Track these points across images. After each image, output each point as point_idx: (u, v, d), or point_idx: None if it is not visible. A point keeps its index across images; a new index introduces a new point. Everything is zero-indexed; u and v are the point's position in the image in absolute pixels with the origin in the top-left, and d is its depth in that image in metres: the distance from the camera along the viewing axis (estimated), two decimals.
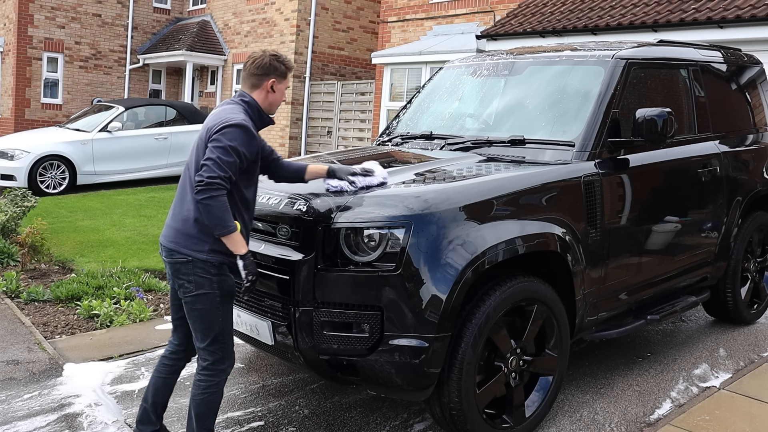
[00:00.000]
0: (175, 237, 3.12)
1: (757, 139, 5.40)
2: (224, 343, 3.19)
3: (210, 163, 2.95)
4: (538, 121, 4.26)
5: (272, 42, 17.28)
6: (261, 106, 3.28)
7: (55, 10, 18.63)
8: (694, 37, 8.36)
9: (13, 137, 13.54)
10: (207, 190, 2.92)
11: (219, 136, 2.99)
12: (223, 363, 3.20)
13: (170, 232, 3.16)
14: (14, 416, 3.86)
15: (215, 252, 3.08)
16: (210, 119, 3.17)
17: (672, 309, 4.56)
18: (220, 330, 3.15)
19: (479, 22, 13.32)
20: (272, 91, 3.28)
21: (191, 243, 3.08)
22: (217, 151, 2.97)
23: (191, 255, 3.07)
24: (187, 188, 3.12)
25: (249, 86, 3.28)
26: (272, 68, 3.26)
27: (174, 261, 3.14)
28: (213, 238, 3.04)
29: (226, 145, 2.98)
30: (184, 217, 3.10)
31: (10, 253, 7.44)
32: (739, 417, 3.93)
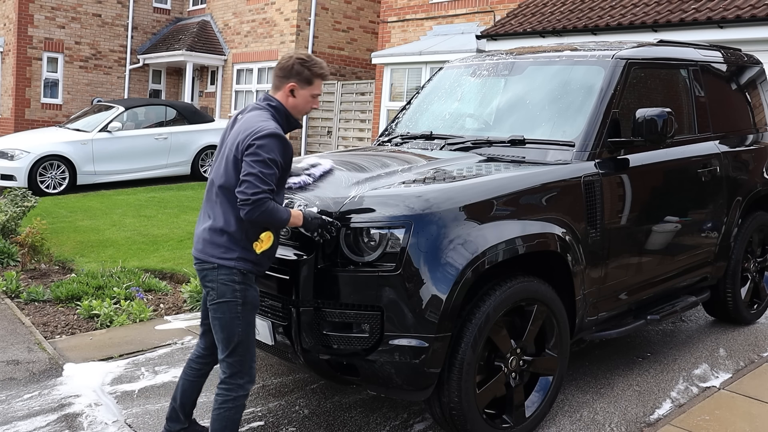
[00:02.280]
0: (203, 247, 3.10)
1: (757, 139, 5.40)
2: (243, 357, 3.11)
3: (252, 179, 2.89)
4: (538, 121, 4.26)
5: (272, 42, 17.29)
6: (287, 109, 3.19)
7: (55, 10, 18.63)
8: (694, 37, 8.36)
9: (13, 137, 13.55)
10: (254, 208, 2.90)
11: (256, 150, 2.91)
12: (241, 378, 3.11)
13: (199, 241, 3.13)
14: (14, 416, 3.86)
15: (243, 260, 3.05)
16: (238, 129, 3.06)
17: (672, 309, 4.56)
18: (239, 341, 3.09)
19: (479, 22, 13.32)
20: (292, 96, 3.18)
21: (218, 251, 3.05)
22: (257, 165, 2.90)
23: (217, 261, 3.04)
24: (214, 198, 3.09)
25: (273, 87, 3.22)
26: (294, 72, 3.16)
27: (202, 268, 3.11)
28: (241, 247, 3.03)
29: (265, 158, 2.91)
30: (212, 227, 3.08)
31: (10, 253, 7.44)
32: (739, 417, 3.93)
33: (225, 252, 3.04)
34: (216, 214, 3.07)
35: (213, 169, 3.17)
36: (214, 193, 3.09)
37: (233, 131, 3.11)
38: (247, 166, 2.91)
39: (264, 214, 2.92)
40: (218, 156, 3.17)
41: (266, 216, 2.94)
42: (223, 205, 3.06)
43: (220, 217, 3.05)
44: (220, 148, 3.19)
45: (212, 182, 3.13)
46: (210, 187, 3.15)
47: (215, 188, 3.09)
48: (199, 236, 3.14)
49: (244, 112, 3.19)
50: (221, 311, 3.07)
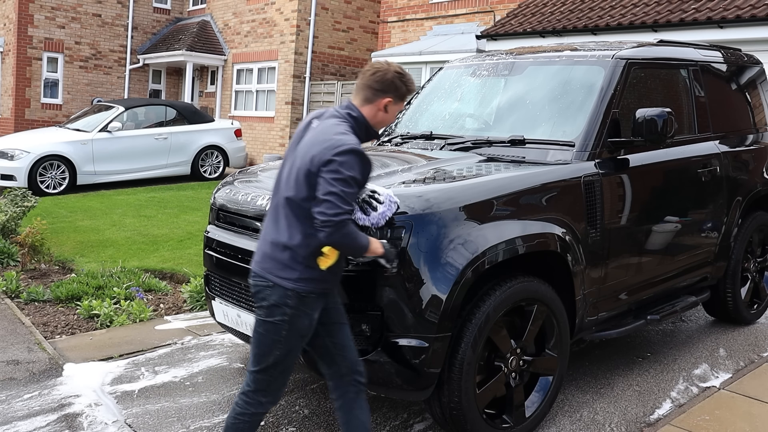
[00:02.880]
0: (263, 261, 2.88)
1: (757, 139, 5.40)
2: (272, 378, 2.92)
3: (333, 199, 2.65)
4: (538, 121, 4.26)
5: (272, 42, 17.29)
6: (369, 123, 2.93)
7: (55, 10, 18.63)
8: (694, 37, 8.36)
9: (13, 137, 13.54)
10: (335, 230, 2.67)
11: (337, 167, 2.66)
12: (264, 396, 2.93)
13: (259, 255, 2.92)
14: (14, 416, 3.86)
15: (304, 280, 2.81)
16: (313, 139, 2.81)
17: (672, 309, 4.56)
18: (273, 363, 2.89)
19: (479, 22, 13.32)
20: (385, 111, 2.93)
21: (277, 269, 2.82)
22: (338, 184, 2.66)
23: (274, 281, 2.82)
24: (281, 212, 2.84)
25: (362, 99, 2.91)
26: (393, 87, 2.90)
27: (255, 283, 2.89)
28: (304, 265, 2.80)
29: (346, 176, 2.67)
30: (274, 241, 2.85)
31: (10, 253, 7.44)
32: (739, 417, 3.93)
33: (283, 270, 2.80)
34: (280, 227, 2.83)
35: (280, 176, 2.92)
36: (280, 204, 2.86)
37: (306, 140, 2.85)
38: (326, 184, 2.67)
39: (345, 236, 2.71)
40: (286, 163, 2.91)
41: (346, 239, 2.73)
42: (288, 218, 2.82)
43: (285, 231, 2.81)
44: (289, 154, 2.93)
45: (278, 191, 2.90)
46: (275, 196, 2.91)
47: (282, 198, 2.85)
48: (260, 248, 2.92)
49: (321, 117, 2.92)
50: (264, 329, 2.87)
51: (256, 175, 4.13)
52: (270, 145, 17.23)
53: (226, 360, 4.72)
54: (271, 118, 17.29)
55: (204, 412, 3.92)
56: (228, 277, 3.86)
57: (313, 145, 2.77)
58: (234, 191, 3.96)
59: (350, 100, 2.96)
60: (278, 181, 2.93)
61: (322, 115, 2.94)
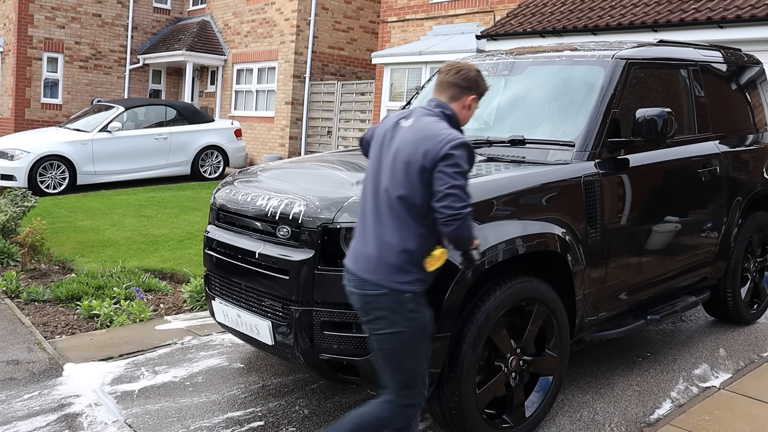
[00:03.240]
0: (370, 266, 2.79)
1: (757, 139, 5.40)
2: (415, 388, 2.85)
3: (458, 192, 2.67)
4: (538, 121, 4.26)
5: (272, 42, 17.29)
6: (459, 121, 2.96)
7: (55, 10, 18.63)
8: (694, 37, 8.35)
9: (13, 137, 13.54)
10: (463, 223, 2.68)
11: (457, 160, 2.68)
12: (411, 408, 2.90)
13: (365, 259, 2.81)
14: (14, 416, 3.86)
15: (419, 281, 2.78)
16: (416, 135, 2.78)
17: (672, 309, 4.56)
18: (412, 373, 2.83)
19: (479, 22, 13.32)
20: (468, 109, 2.97)
21: (392, 273, 2.74)
22: (460, 177, 2.69)
23: (389, 286, 2.74)
24: (386, 212, 2.77)
25: (448, 97, 2.93)
26: (476, 84, 2.96)
27: (365, 293, 2.79)
28: (419, 267, 2.77)
29: (465, 169, 2.71)
30: (387, 245, 2.76)
31: (10, 253, 7.44)
32: (739, 417, 3.93)
33: (399, 274, 2.74)
34: (386, 229, 2.77)
35: (376, 177, 2.86)
36: (387, 205, 2.78)
37: (406, 138, 2.81)
38: (449, 177, 2.67)
39: (468, 229, 2.73)
40: (382, 162, 2.86)
41: (469, 232, 2.74)
42: (400, 219, 2.75)
43: (395, 232, 2.75)
44: (378, 154, 2.90)
45: (382, 191, 2.81)
46: (377, 197, 2.83)
47: (390, 198, 2.77)
48: (364, 251, 2.82)
49: (410, 117, 2.90)
50: (391, 342, 2.77)
51: (256, 175, 4.13)
52: (270, 145, 17.23)
53: (226, 360, 4.72)
54: (271, 118, 17.29)
55: (204, 412, 3.92)
56: (228, 277, 3.86)
57: (420, 141, 2.75)
58: (234, 191, 3.96)
59: (435, 98, 2.96)
60: (375, 182, 2.87)
61: (409, 115, 2.93)
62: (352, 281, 2.86)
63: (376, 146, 2.96)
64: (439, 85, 2.98)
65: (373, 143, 3.00)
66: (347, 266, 2.91)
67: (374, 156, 2.94)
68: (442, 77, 2.99)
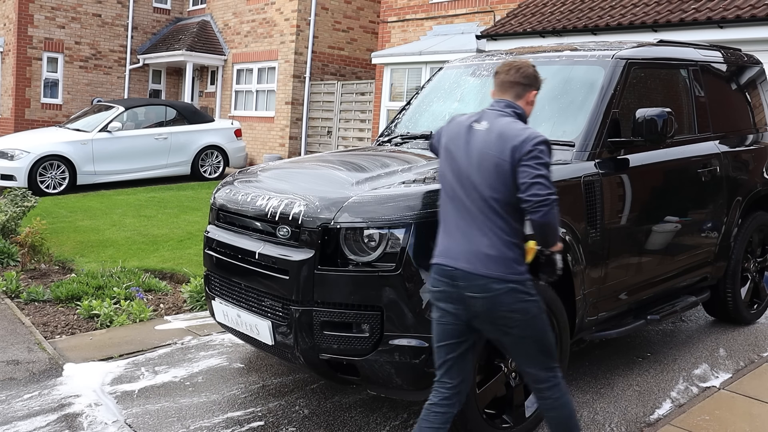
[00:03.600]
0: (489, 263, 2.83)
1: (757, 139, 5.40)
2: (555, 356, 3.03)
3: (543, 180, 2.79)
4: (537, 121, 4.23)
5: (272, 42, 17.29)
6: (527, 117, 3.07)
7: (55, 10, 18.63)
8: (694, 37, 8.35)
9: (13, 137, 13.54)
10: (551, 209, 2.79)
11: (539, 154, 2.81)
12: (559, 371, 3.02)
13: (477, 258, 2.84)
14: (14, 416, 3.86)
15: (527, 270, 2.91)
16: (497, 136, 2.88)
17: (672, 309, 4.56)
18: (553, 347, 3.01)
19: (479, 22, 13.32)
20: (531, 104, 3.08)
21: (511, 268, 2.83)
22: (543, 168, 2.81)
23: (514, 279, 2.83)
24: (485, 213, 2.85)
25: (513, 95, 3.03)
26: (536, 80, 3.07)
27: (492, 294, 2.82)
28: (525, 258, 2.91)
29: (547, 161, 2.85)
30: (500, 240, 2.84)
31: (10, 253, 7.44)
32: (739, 417, 3.93)
33: (514, 266, 2.85)
34: (498, 227, 2.85)
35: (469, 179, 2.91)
36: (486, 205, 2.86)
37: (487, 140, 2.90)
38: (532, 169, 2.79)
39: (555, 216, 2.83)
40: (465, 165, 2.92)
41: (555, 220, 2.84)
42: (506, 216, 2.86)
43: (506, 229, 2.85)
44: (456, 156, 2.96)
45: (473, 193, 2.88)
46: (470, 199, 2.89)
47: (486, 199, 2.85)
48: (473, 251, 2.85)
49: (484, 119, 2.97)
50: (532, 329, 2.89)
51: (256, 175, 4.13)
52: (270, 145, 17.23)
53: (226, 360, 4.72)
54: (271, 118, 17.29)
55: (204, 412, 3.92)
56: (228, 277, 3.86)
57: (504, 141, 2.86)
58: (234, 191, 3.96)
59: (501, 98, 3.03)
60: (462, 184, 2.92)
61: (481, 118, 2.99)
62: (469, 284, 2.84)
63: (452, 149, 3.00)
64: (502, 85, 3.05)
65: (446, 146, 3.04)
66: (459, 266, 2.87)
67: (452, 159, 2.99)
68: (503, 77, 3.05)
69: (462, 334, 2.94)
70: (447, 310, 2.92)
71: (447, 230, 2.96)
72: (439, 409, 2.98)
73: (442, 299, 2.93)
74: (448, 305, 2.91)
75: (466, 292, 2.85)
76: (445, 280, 2.90)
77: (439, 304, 2.95)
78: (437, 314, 2.96)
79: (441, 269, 2.92)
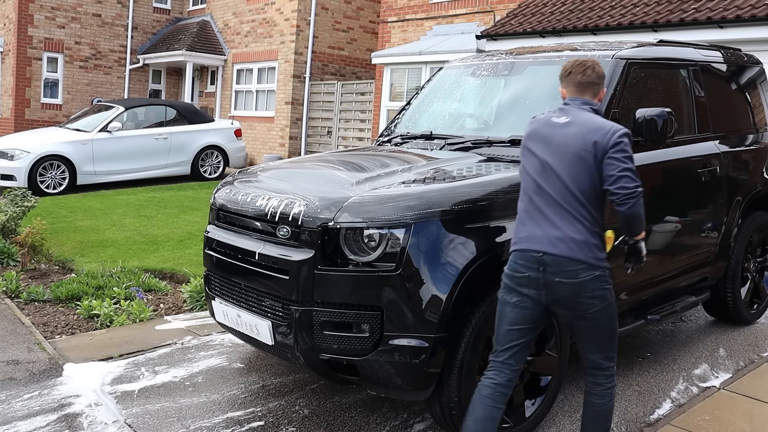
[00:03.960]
0: (577, 249, 2.91)
1: (757, 139, 5.40)
2: (616, 346, 3.15)
3: (630, 174, 2.90)
4: None
5: (272, 42, 17.29)
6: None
7: (55, 10, 18.63)
8: (694, 37, 8.35)
9: (13, 137, 13.54)
10: (638, 201, 2.90)
11: (624, 147, 2.94)
12: (614, 361, 3.14)
13: (565, 244, 2.91)
14: (14, 416, 3.86)
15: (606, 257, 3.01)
16: (581, 130, 2.99)
17: (672, 309, 4.56)
18: (617, 337, 3.13)
19: (479, 22, 13.32)
20: (601, 101, 3.26)
21: (595, 255, 2.94)
22: (628, 161, 2.94)
23: (599, 266, 2.94)
24: (570, 200, 2.94)
25: (591, 94, 3.15)
26: (604, 78, 3.22)
27: (579, 280, 2.90)
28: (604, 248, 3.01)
29: (631, 154, 2.97)
30: (585, 228, 2.93)
31: (10, 253, 7.44)
32: (739, 417, 3.93)
33: (600, 252, 2.96)
34: (582, 216, 2.94)
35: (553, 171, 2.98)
36: (571, 195, 2.94)
37: (569, 134, 2.99)
38: (620, 162, 2.91)
39: (641, 208, 2.93)
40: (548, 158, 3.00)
41: (641, 211, 2.94)
42: (588, 206, 2.96)
43: (589, 218, 2.94)
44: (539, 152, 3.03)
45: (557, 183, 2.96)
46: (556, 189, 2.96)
47: (570, 189, 2.94)
48: (560, 237, 2.92)
49: (564, 114, 3.08)
50: (605, 315, 2.99)
51: (256, 175, 4.13)
52: (270, 145, 17.23)
53: (226, 360, 4.72)
54: (271, 118, 17.29)
55: (204, 412, 3.92)
56: (228, 277, 3.86)
57: (586, 134, 2.96)
58: (234, 191, 3.96)
59: (578, 97, 3.13)
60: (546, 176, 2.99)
61: (561, 114, 3.09)
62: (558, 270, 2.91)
63: (531, 146, 3.10)
64: (580, 85, 3.15)
65: (525, 145, 3.14)
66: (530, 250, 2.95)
67: (532, 155, 3.08)
68: (581, 78, 3.14)
69: (537, 319, 3.03)
70: (528, 294, 2.97)
71: (532, 219, 3.02)
72: (505, 390, 3.04)
73: (525, 284, 2.98)
74: (531, 290, 2.97)
75: (556, 278, 2.92)
76: (531, 265, 2.96)
77: (522, 289, 2.99)
78: (515, 299, 3.01)
79: (528, 255, 2.97)
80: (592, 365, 3.13)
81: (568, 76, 3.18)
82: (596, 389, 3.12)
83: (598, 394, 3.12)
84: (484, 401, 3.02)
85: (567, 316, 3.03)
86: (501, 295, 3.06)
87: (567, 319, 3.07)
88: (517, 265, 3.00)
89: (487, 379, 3.05)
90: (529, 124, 3.20)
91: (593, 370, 3.13)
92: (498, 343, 3.07)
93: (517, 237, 3.05)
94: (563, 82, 3.21)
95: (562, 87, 3.22)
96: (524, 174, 3.11)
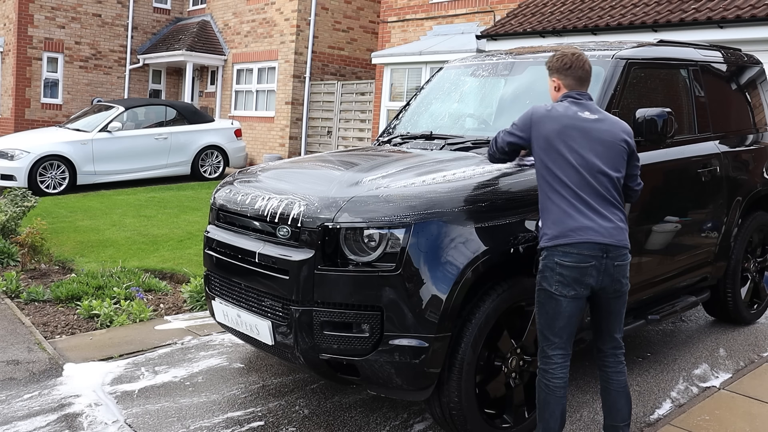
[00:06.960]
0: (621, 235, 3.14)
1: (757, 139, 5.40)
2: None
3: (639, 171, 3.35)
4: None
5: (272, 42, 17.29)
6: None
7: (55, 10, 18.63)
8: (694, 37, 8.35)
9: (13, 137, 13.54)
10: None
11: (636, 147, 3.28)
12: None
13: (618, 231, 3.12)
14: (14, 416, 3.86)
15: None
16: (613, 126, 3.19)
17: (672, 309, 4.56)
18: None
19: (479, 22, 13.32)
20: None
21: (625, 237, 3.16)
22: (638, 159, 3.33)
23: (628, 246, 3.18)
24: (611, 189, 3.13)
25: (587, 87, 3.31)
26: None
27: (625, 262, 3.16)
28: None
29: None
30: (622, 214, 3.19)
31: (10, 253, 7.44)
32: (739, 417, 3.93)
33: (626, 234, 3.17)
34: (619, 203, 3.17)
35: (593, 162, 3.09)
36: (612, 185, 3.13)
37: (602, 128, 3.15)
38: (638, 162, 3.30)
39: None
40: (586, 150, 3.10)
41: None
42: (618, 195, 3.17)
43: (621, 206, 3.20)
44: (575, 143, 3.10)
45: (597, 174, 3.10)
46: (599, 180, 3.10)
47: (610, 178, 3.12)
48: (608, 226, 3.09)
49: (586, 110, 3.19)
50: (627, 295, 3.24)
51: (256, 175, 4.13)
52: (270, 145, 17.23)
53: (226, 360, 4.72)
54: (271, 118, 17.30)
55: (204, 412, 3.93)
56: (228, 277, 3.86)
57: (617, 130, 3.18)
58: (234, 191, 3.96)
59: (584, 91, 3.26)
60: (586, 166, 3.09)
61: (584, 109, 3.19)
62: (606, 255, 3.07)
63: (573, 139, 3.11)
64: (580, 79, 3.26)
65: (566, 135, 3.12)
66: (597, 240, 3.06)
67: (571, 150, 3.11)
68: (580, 72, 3.25)
69: (584, 308, 3.20)
70: (589, 283, 3.08)
71: (579, 212, 3.09)
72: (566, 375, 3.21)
73: (590, 273, 3.07)
74: (592, 278, 3.08)
75: (615, 262, 3.10)
76: (596, 254, 3.07)
77: (585, 279, 3.07)
78: (572, 292, 3.08)
79: (592, 245, 3.06)
80: (612, 344, 3.28)
81: (569, 69, 3.22)
82: (619, 367, 3.28)
83: (621, 371, 3.28)
84: (561, 401, 3.19)
85: (607, 298, 3.17)
86: (555, 288, 3.10)
87: (604, 301, 3.19)
88: (580, 256, 3.06)
89: (558, 379, 3.17)
90: (545, 117, 3.17)
91: (614, 349, 3.28)
92: (556, 336, 3.15)
93: (567, 229, 3.08)
94: (561, 75, 3.25)
95: (559, 79, 3.26)
96: (565, 168, 3.10)
